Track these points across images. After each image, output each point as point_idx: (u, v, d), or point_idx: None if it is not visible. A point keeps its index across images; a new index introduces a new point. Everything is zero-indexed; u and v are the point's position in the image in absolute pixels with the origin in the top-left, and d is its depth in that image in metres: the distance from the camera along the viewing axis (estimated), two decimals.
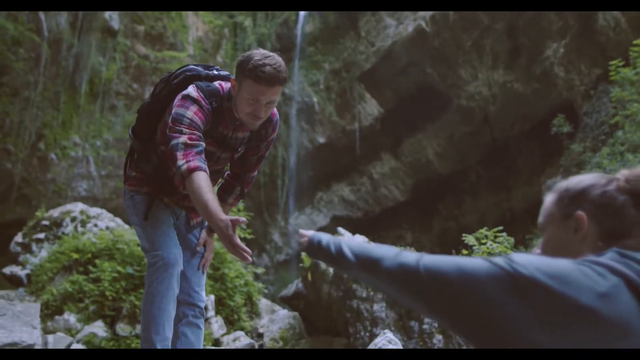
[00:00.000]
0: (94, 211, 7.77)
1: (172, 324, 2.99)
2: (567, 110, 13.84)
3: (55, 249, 6.68)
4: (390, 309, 5.72)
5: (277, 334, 6.36)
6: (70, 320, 5.67)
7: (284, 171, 17.34)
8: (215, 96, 2.80)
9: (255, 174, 3.23)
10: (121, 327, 5.64)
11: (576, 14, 13.62)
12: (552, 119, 13.28)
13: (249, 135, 3.00)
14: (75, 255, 6.28)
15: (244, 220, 2.29)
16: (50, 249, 6.90)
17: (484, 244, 5.64)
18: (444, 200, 17.85)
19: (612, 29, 13.04)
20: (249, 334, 6.39)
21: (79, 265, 6.26)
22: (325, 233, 1.79)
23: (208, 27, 17.15)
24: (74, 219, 7.44)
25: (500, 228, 5.93)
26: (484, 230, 5.85)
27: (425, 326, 5.44)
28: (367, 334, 5.67)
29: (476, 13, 14.64)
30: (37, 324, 4.40)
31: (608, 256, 1.23)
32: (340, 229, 7.13)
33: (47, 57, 13.77)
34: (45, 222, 7.40)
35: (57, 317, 5.72)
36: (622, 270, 1.16)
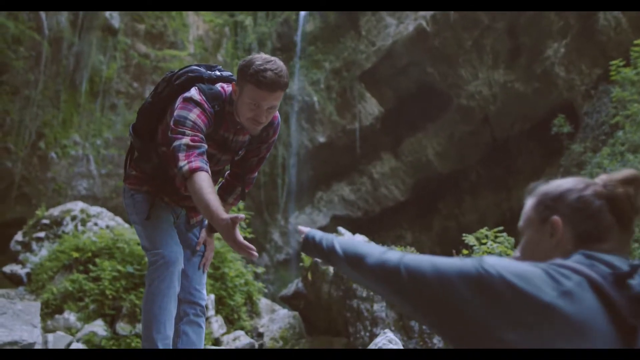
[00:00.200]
0: (94, 210, 7.77)
1: (173, 322, 2.98)
2: (568, 110, 13.83)
3: (56, 247, 6.68)
4: (390, 309, 5.72)
5: (277, 334, 6.36)
6: (71, 319, 5.67)
7: (284, 170, 17.33)
8: (217, 100, 2.78)
9: (255, 174, 3.23)
10: (121, 326, 5.64)
11: (577, 13, 13.62)
12: (552, 119, 13.27)
13: (249, 138, 3.00)
14: (75, 254, 6.29)
15: (242, 217, 2.29)
16: (51, 247, 6.90)
17: (484, 243, 5.64)
18: (444, 199, 17.86)
19: (612, 28, 13.03)
20: (249, 334, 6.38)
21: (79, 264, 6.26)
22: (321, 231, 1.84)
23: (208, 25, 17.14)
24: (74, 218, 7.44)
25: (501, 228, 5.92)
26: (484, 230, 5.84)
27: (425, 326, 5.44)
28: (367, 333, 5.67)
29: (477, 13, 14.64)
30: (37, 322, 4.40)
31: (574, 258, 1.27)
32: (341, 229, 7.13)
33: (48, 56, 13.77)
34: (46, 221, 7.41)
35: (57, 316, 5.72)
36: (584, 271, 1.19)
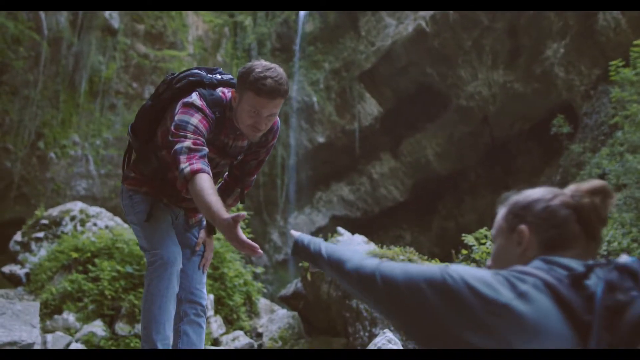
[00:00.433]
0: (93, 210, 7.77)
1: (172, 323, 2.98)
2: (567, 110, 13.83)
3: (55, 248, 6.68)
4: None
5: (276, 334, 6.36)
6: (70, 319, 5.66)
7: (283, 171, 17.33)
8: (218, 106, 2.77)
9: (254, 177, 3.23)
10: (120, 326, 5.64)
11: (576, 14, 13.62)
12: (551, 119, 13.26)
13: (248, 143, 2.99)
14: (74, 254, 6.28)
15: (244, 215, 2.28)
16: (50, 248, 6.90)
17: (484, 243, 5.63)
18: (443, 200, 17.86)
19: (612, 29, 13.04)
20: (248, 334, 6.39)
21: (78, 264, 6.26)
22: (310, 236, 1.93)
23: (208, 26, 17.14)
24: (73, 218, 7.44)
25: None
26: (483, 230, 5.84)
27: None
28: (367, 333, 5.67)
29: (476, 13, 14.64)
30: (36, 323, 4.38)
31: (533, 264, 1.32)
32: (340, 229, 7.13)
33: (47, 56, 13.76)
34: (45, 221, 7.40)
35: (56, 316, 5.72)
36: (539, 274, 1.24)
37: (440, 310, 1.25)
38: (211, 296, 6.22)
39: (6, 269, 6.93)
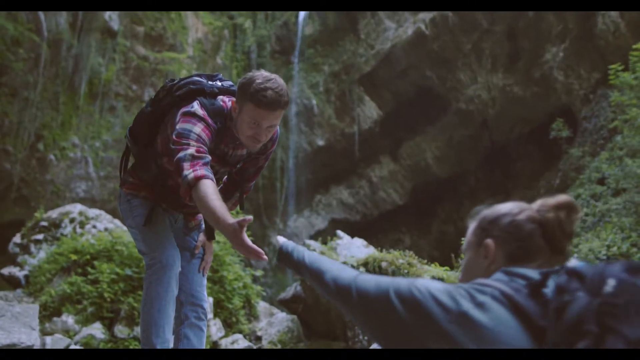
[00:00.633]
0: (92, 212, 7.75)
1: (172, 326, 2.97)
2: (566, 114, 13.85)
3: (54, 250, 6.66)
4: None
5: (276, 337, 6.35)
6: (69, 321, 5.65)
7: (282, 174, 17.33)
8: (219, 116, 2.76)
9: (253, 182, 3.23)
10: (119, 329, 5.63)
11: (575, 17, 13.64)
12: (551, 123, 13.27)
13: (247, 152, 2.99)
14: (73, 257, 6.27)
15: (249, 218, 2.27)
16: (49, 250, 6.88)
17: None
18: (443, 203, 17.86)
19: (611, 33, 13.05)
20: (247, 337, 6.38)
21: (78, 267, 6.25)
22: (295, 243, 1.99)
23: (208, 28, 17.15)
24: (72, 220, 7.42)
25: None
26: None
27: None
28: (366, 337, 5.66)
29: (476, 16, 14.66)
30: (35, 325, 4.38)
31: (494, 276, 1.39)
32: (339, 232, 7.12)
33: (47, 58, 13.77)
34: (44, 223, 7.39)
35: (55, 319, 5.71)
36: (497, 285, 1.31)
37: (407, 321, 1.33)
38: (210, 299, 6.21)
39: (5, 270, 6.92)
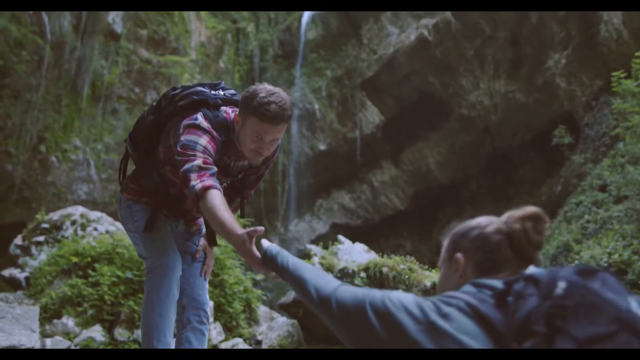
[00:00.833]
0: (94, 215, 7.75)
1: (172, 330, 2.97)
2: (569, 121, 13.85)
3: (55, 252, 6.66)
4: None
5: (276, 342, 6.33)
6: (69, 324, 5.65)
7: (284, 178, 17.34)
8: (223, 128, 2.75)
9: (253, 189, 3.24)
10: (119, 332, 5.62)
11: (578, 24, 13.65)
12: (553, 130, 13.26)
13: (249, 162, 2.99)
14: (74, 259, 6.27)
15: (261, 229, 2.25)
16: (50, 252, 6.88)
17: None
18: (444, 209, 17.85)
19: (614, 40, 13.06)
20: (247, 341, 6.36)
21: (78, 269, 6.24)
22: (279, 247, 2.04)
23: (211, 32, 17.18)
24: (74, 223, 7.42)
25: None
26: None
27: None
28: None
29: (478, 22, 14.68)
30: (36, 327, 4.37)
31: (463, 288, 1.45)
32: (340, 237, 7.12)
33: (50, 60, 13.80)
34: (45, 225, 7.39)
35: (55, 321, 5.70)
36: (463, 297, 1.38)
37: (380, 333, 1.41)
38: (211, 303, 6.20)
39: (6, 272, 6.92)
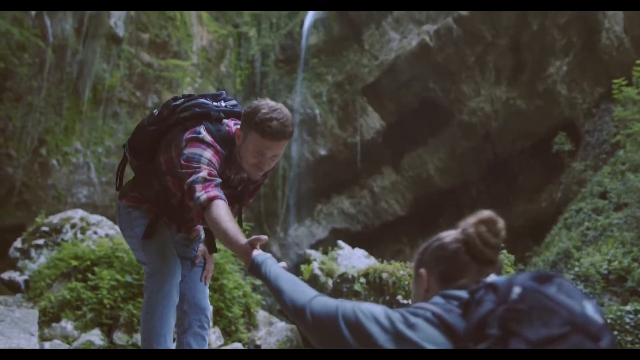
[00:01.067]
0: (94, 218, 7.75)
1: (172, 335, 2.97)
2: (569, 128, 13.85)
3: (54, 255, 6.65)
4: None
5: (274, 346, 6.33)
6: (68, 327, 5.64)
7: (284, 182, 17.34)
8: (226, 142, 2.75)
9: (252, 198, 3.24)
10: (118, 335, 5.62)
11: (579, 32, 13.67)
12: (553, 137, 13.28)
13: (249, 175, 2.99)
14: (74, 262, 6.26)
15: (265, 238, 2.25)
16: (49, 255, 6.88)
17: None
18: (444, 215, 17.83)
19: (615, 47, 13.07)
20: (246, 346, 6.35)
21: (78, 273, 6.24)
22: (266, 255, 2.07)
23: (212, 36, 17.21)
24: (73, 226, 7.42)
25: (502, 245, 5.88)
26: None
27: None
28: None
29: (480, 29, 14.70)
30: (35, 330, 4.36)
31: (432, 300, 1.52)
32: (340, 242, 7.12)
33: (52, 63, 13.82)
34: (45, 228, 7.39)
35: (54, 324, 5.69)
36: (430, 308, 1.45)
37: (352, 342, 1.48)
38: (210, 307, 6.19)
39: (5, 275, 6.91)
